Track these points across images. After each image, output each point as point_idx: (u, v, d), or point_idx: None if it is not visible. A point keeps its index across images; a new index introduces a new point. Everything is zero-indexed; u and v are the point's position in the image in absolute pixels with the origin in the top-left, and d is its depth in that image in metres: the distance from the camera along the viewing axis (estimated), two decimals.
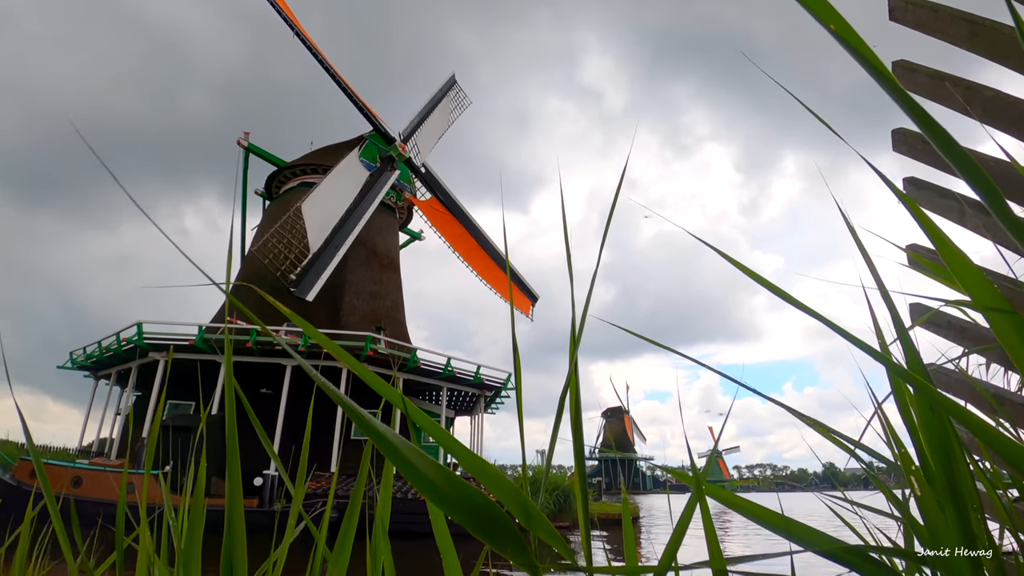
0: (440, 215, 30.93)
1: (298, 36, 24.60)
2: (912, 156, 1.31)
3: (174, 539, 1.00)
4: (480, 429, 26.97)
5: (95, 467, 11.74)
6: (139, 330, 18.77)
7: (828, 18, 0.52)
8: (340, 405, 0.57)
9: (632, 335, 0.81)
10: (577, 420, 0.67)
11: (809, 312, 0.64)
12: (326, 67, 25.81)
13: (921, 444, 0.67)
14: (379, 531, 0.79)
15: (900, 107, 0.53)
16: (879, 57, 0.53)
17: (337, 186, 25.02)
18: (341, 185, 25.33)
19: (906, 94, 0.53)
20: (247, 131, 29.08)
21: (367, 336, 20.17)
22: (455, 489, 0.52)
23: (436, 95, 31.61)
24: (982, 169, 0.56)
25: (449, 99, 32.22)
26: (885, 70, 0.52)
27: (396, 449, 0.50)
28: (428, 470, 0.52)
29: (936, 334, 1.29)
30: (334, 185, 24.82)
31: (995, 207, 0.56)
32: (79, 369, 23.37)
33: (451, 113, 32.62)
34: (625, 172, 0.73)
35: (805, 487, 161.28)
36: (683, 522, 0.60)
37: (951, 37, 1.23)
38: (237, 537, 0.69)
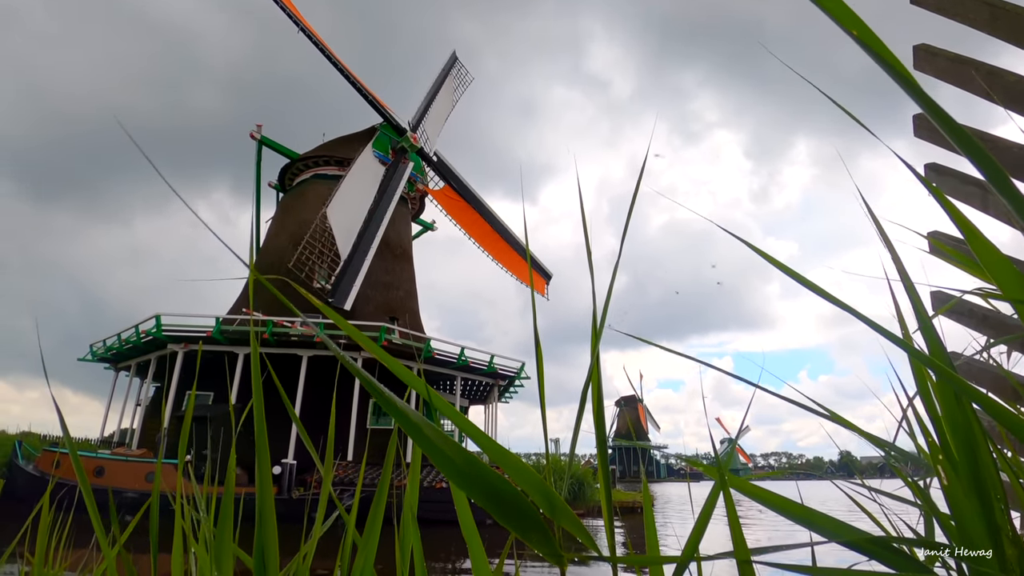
0: (453, 202, 31.22)
1: (303, 32, 24.65)
2: (934, 142, 1.30)
3: (205, 528, 1.02)
4: (495, 418, 27.12)
5: (117, 457, 11.97)
6: (157, 322, 19.04)
7: (848, 22, 0.51)
8: (368, 389, 0.58)
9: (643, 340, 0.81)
10: (600, 412, 0.68)
11: (833, 301, 0.63)
12: (333, 61, 25.87)
13: (944, 433, 0.66)
14: (407, 517, 0.80)
15: (920, 106, 0.52)
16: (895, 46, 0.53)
17: (356, 185, 25.30)
18: (360, 184, 25.60)
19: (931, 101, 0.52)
20: (260, 124, 29.22)
21: (381, 326, 20.31)
22: (480, 474, 0.53)
23: (439, 76, 31.52)
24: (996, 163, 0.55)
25: (452, 78, 32.12)
26: (906, 72, 0.51)
27: (423, 433, 0.51)
28: (454, 453, 0.53)
29: (958, 322, 1.28)
30: (353, 185, 25.08)
31: (1008, 195, 0.55)
32: (99, 361, 23.77)
33: (455, 92, 32.54)
34: (645, 164, 0.73)
35: (821, 475, 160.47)
36: (705, 512, 0.61)
37: (972, 20, 1.21)
38: (268, 528, 0.70)
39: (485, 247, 31.56)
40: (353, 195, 24.94)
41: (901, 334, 0.75)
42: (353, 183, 25.05)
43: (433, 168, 30.71)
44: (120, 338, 21.63)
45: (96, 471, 11.48)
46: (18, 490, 12.57)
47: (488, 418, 27.59)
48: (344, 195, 24.25)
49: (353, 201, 24.83)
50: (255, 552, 0.72)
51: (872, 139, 25.46)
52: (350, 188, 24.81)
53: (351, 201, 24.73)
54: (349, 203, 24.52)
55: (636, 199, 0.70)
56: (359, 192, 25.42)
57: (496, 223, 31.99)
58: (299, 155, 29.99)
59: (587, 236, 0.70)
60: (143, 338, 19.93)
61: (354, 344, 19.85)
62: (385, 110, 28.39)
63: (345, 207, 24.19)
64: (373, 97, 27.68)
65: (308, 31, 24.70)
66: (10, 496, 12.80)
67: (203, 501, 1.12)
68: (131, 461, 11.85)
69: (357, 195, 25.22)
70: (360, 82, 27.05)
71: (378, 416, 22.58)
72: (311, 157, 29.44)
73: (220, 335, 19.19)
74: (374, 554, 0.88)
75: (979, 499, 0.62)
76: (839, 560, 0.84)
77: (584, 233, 0.69)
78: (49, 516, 1.22)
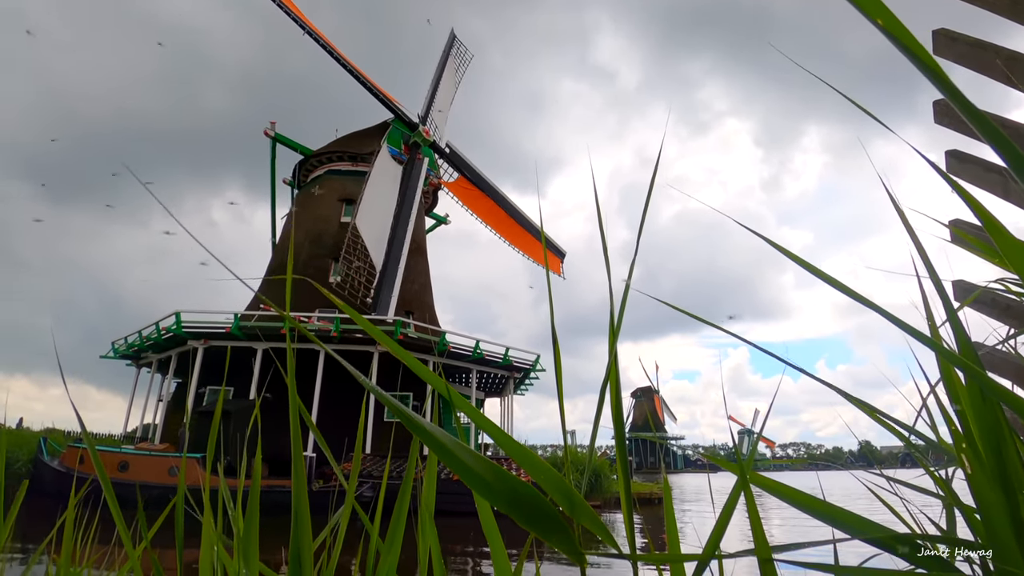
0: (468, 192, 31.75)
1: (310, 35, 25.02)
2: (955, 128, 1.27)
3: (232, 523, 1.04)
4: (510, 410, 27.20)
5: (140, 452, 12.20)
6: (177, 319, 19.31)
7: (872, 10, 0.51)
8: (383, 401, 0.58)
9: (669, 306, 0.81)
10: (618, 405, 0.68)
11: (852, 295, 0.63)
12: (342, 62, 26.26)
13: (969, 423, 0.66)
14: (425, 516, 0.81)
15: (943, 93, 0.52)
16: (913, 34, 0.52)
17: (378, 190, 25.76)
18: (381, 188, 26.08)
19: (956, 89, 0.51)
20: (273, 121, 29.41)
21: (397, 320, 20.42)
22: (500, 481, 0.53)
23: (441, 59, 31.52)
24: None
25: (453, 59, 32.14)
26: (931, 61, 0.51)
27: (442, 444, 0.52)
28: (473, 463, 0.53)
29: (979, 312, 1.26)
30: (375, 189, 25.54)
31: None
32: (121, 358, 24.18)
33: (457, 72, 32.58)
34: (659, 162, 0.73)
35: (840, 466, 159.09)
36: (727, 509, 0.61)
37: (992, 5, 1.19)
38: (303, 526, 0.71)
39: (501, 233, 32.44)
40: (377, 200, 25.43)
41: (928, 328, 0.75)
42: (375, 188, 25.50)
43: (446, 160, 30.96)
44: (141, 335, 21.98)
45: (120, 466, 11.71)
46: (44, 486, 12.88)
47: (504, 410, 27.70)
48: (368, 202, 24.71)
49: (378, 207, 25.33)
50: (291, 551, 0.73)
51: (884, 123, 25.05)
52: (373, 194, 25.29)
53: (376, 207, 25.23)
54: (374, 209, 25.00)
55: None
56: (382, 196, 25.91)
57: (510, 208, 32.67)
58: (312, 151, 30.17)
59: (603, 236, 0.70)
60: (164, 335, 20.23)
61: (370, 338, 20.01)
62: (395, 106, 28.56)
63: (371, 214, 24.67)
64: (383, 94, 27.90)
65: (315, 34, 25.09)
66: (36, 492, 13.10)
67: (227, 495, 1.14)
68: (154, 456, 12.06)
69: (380, 200, 25.72)
70: (369, 80, 27.26)
71: None
72: (324, 153, 29.60)
73: (239, 331, 19.42)
74: (397, 557, 0.89)
75: (1005, 493, 0.61)
76: (861, 555, 0.84)
77: (601, 234, 0.69)
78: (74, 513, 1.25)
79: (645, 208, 0.72)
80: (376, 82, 27.92)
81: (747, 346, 0.71)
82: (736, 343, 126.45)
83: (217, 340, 19.58)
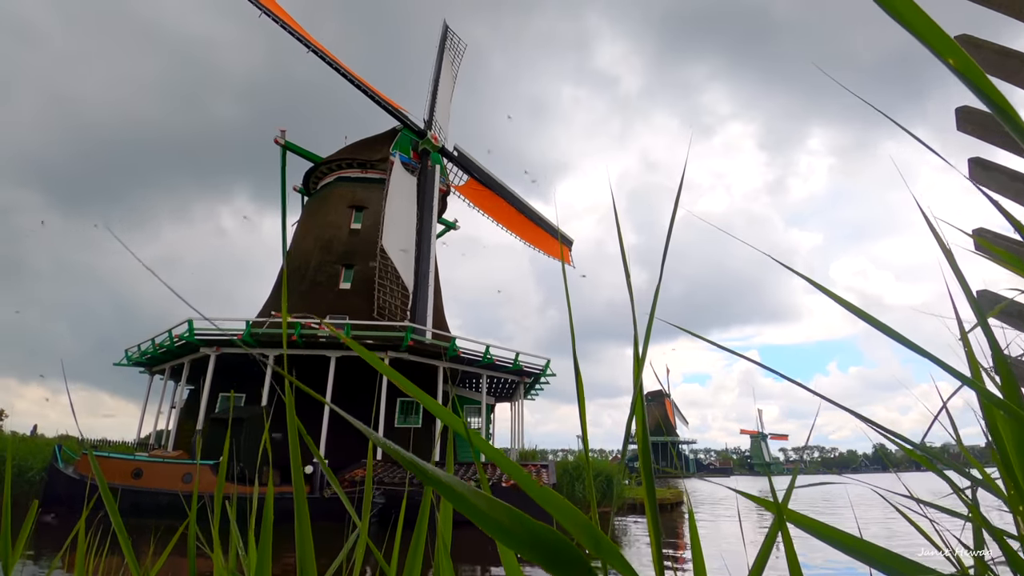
0: (477, 192, 32.20)
1: (315, 53, 25.78)
2: (978, 136, 1.26)
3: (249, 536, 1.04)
4: (521, 416, 27.14)
5: (154, 459, 12.29)
6: (190, 327, 19.47)
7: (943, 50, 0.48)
8: (404, 464, 0.57)
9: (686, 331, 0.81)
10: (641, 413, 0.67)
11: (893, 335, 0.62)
12: (349, 77, 26.91)
13: (1010, 461, 0.64)
14: (441, 553, 0.79)
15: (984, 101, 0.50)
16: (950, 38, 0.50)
17: (397, 206, 26.18)
18: (400, 204, 26.52)
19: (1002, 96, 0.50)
20: (283, 129, 29.66)
21: (408, 326, 20.46)
22: (519, 525, 0.51)
23: (438, 54, 31.54)
24: None
25: (448, 51, 32.21)
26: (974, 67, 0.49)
27: (457, 493, 0.50)
28: (494, 511, 0.51)
29: (1005, 323, 1.24)
30: (395, 207, 25.96)
31: None
32: (134, 366, 24.40)
33: (453, 64, 32.69)
34: (682, 186, 0.72)
35: (855, 469, 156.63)
36: (764, 551, 0.60)
37: (1018, 12, 1.17)
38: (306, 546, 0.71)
39: (511, 229, 33.14)
40: (398, 218, 25.91)
41: (967, 360, 0.73)
42: (394, 205, 25.98)
43: (455, 163, 31.36)
44: (154, 343, 22.17)
45: (134, 473, 11.79)
46: (58, 493, 12.99)
47: (514, 415, 27.66)
48: (391, 221, 25.17)
49: (400, 224, 25.81)
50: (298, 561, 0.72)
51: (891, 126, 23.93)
52: (393, 211, 25.74)
53: (398, 225, 25.70)
54: (397, 228, 25.45)
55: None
56: (402, 213, 26.43)
57: (518, 203, 33.42)
58: (322, 159, 30.39)
59: (625, 261, 0.69)
60: (176, 342, 20.40)
61: (381, 344, 20.07)
62: (402, 114, 29.01)
63: (395, 234, 25.11)
64: (389, 103, 28.45)
65: (320, 51, 25.77)
66: (51, 499, 13.23)
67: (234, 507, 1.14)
68: (168, 463, 12.14)
69: (401, 217, 26.21)
70: (374, 90, 27.83)
71: (405, 415, 22.79)
72: (335, 160, 29.80)
73: (250, 338, 19.54)
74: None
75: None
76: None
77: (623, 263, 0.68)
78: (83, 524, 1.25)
79: (666, 246, 0.72)
80: (381, 91, 28.34)
81: (757, 349, 0.70)
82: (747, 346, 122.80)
83: (229, 348, 19.70)
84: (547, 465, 16.11)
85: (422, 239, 26.66)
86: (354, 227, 27.62)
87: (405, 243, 25.67)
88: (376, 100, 27.78)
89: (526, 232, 33.81)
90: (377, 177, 28.84)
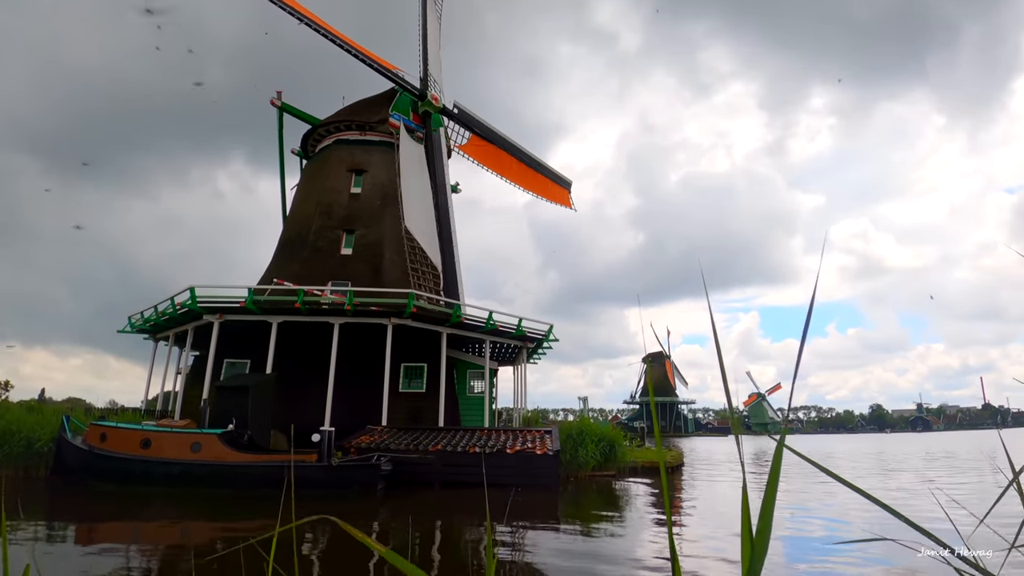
0: (480, 148, 32.05)
1: (308, 24, 25.30)
2: None
3: None
4: (524, 378, 27.35)
5: (162, 428, 12.39)
6: (192, 294, 19.40)
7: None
8: None
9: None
10: None
11: None
12: (346, 46, 26.55)
13: None
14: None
15: None
16: None
17: (411, 182, 26.19)
18: (413, 178, 26.53)
19: None
20: (280, 90, 29.05)
21: (410, 293, 20.40)
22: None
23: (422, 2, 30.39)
24: None
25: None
26: None
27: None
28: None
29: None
30: (409, 183, 26.00)
31: None
32: (137, 332, 24.46)
33: (436, 4, 31.54)
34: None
35: (851, 429, 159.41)
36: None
37: None
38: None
39: (516, 181, 33.48)
40: (415, 194, 26.10)
41: None
42: (408, 180, 26.03)
43: (456, 121, 31.13)
44: (157, 310, 22.16)
45: (143, 443, 11.90)
46: (67, 463, 13.15)
47: (517, 378, 27.90)
48: (408, 198, 25.36)
49: (418, 200, 26.08)
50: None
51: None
52: (408, 187, 25.80)
53: (417, 200, 25.97)
54: (415, 204, 25.71)
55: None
56: (417, 187, 26.54)
57: (521, 153, 33.56)
58: (320, 120, 29.84)
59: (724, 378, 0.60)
60: (179, 310, 20.38)
61: (384, 311, 20.06)
62: (400, 76, 28.69)
63: (415, 211, 25.41)
64: (387, 67, 28.33)
65: (314, 23, 25.39)
66: (60, 470, 13.41)
67: None
68: (176, 432, 12.24)
69: (417, 191, 26.34)
70: (372, 56, 27.71)
71: (410, 380, 22.96)
72: (332, 122, 29.26)
73: (253, 305, 19.51)
74: None
75: None
76: None
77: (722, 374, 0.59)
78: None
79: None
80: (375, 54, 27.92)
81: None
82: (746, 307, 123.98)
83: (232, 315, 19.70)
84: (551, 431, 16.26)
85: (441, 214, 26.98)
86: (354, 191, 27.29)
87: (426, 219, 25.94)
88: (374, 66, 27.47)
89: (529, 181, 34.10)
90: (376, 139, 28.38)
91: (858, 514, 10.42)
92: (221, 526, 10.00)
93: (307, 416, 19.86)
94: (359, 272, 24.61)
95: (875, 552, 7.38)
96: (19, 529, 8.99)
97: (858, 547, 7.60)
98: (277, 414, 16.09)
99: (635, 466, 18.43)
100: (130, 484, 11.67)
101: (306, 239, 25.94)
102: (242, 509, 11.04)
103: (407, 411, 21.96)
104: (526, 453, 13.86)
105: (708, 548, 8.57)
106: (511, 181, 33.29)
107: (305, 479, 11.98)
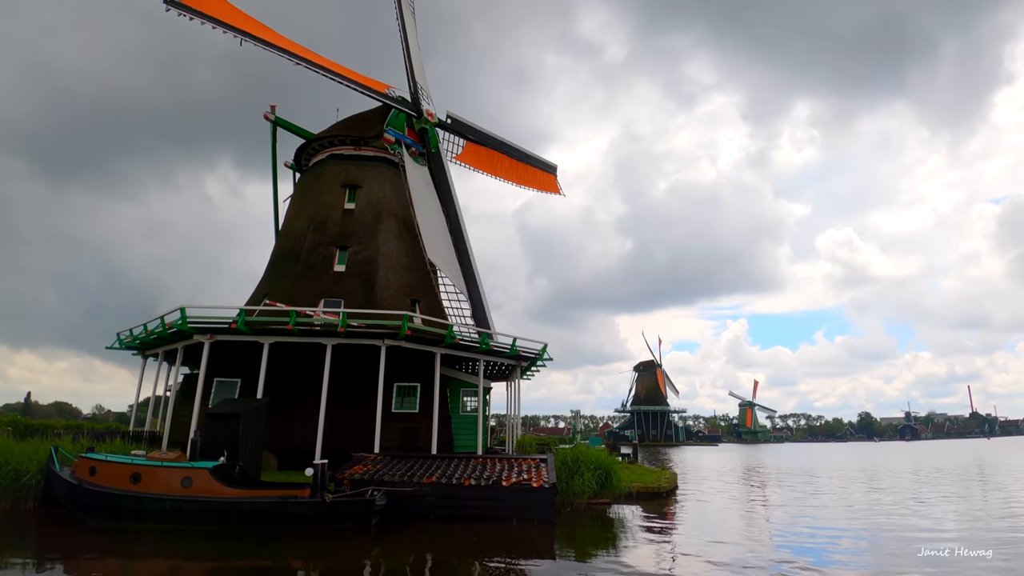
0: (474, 154, 32.44)
1: (301, 62, 25.58)
2: None
3: None
4: (517, 394, 27.24)
5: (152, 462, 12.12)
6: (183, 315, 19.12)
7: None
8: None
9: None
10: None
11: None
12: (342, 78, 26.89)
13: None
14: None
15: None
16: None
17: (423, 207, 26.43)
18: (423, 201, 26.78)
19: None
20: (273, 104, 28.88)
21: (404, 315, 20.20)
22: None
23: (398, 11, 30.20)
24: None
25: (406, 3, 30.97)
26: None
27: None
28: None
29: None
30: (422, 209, 26.28)
31: None
32: (126, 349, 24.11)
33: (410, 3, 31.59)
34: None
35: (840, 437, 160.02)
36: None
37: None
38: None
39: (510, 179, 34.01)
40: (429, 219, 26.36)
41: None
42: (420, 206, 26.30)
43: (450, 131, 31.34)
44: (146, 328, 21.85)
45: (132, 478, 11.63)
46: (56, 497, 12.84)
47: (511, 394, 27.81)
48: (426, 227, 25.57)
49: (433, 225, 26.39)
50: None
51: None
52: (422, 213, 26.00)
53: (432, 226, 26.22)
54: (432, 231, 25.88)
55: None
56: (428, 210, 26.84)
57: (510, 149, 34.02)
58: (314, 135, 29.66)
59: None
60: (168, 330, 20.09)
61: (378, 332, 19.85)
62: (394, 96, 29.35)
63: (433, 239, 25.52)
64: (380, 91, 28.64)
65: (308, 60, 25.85)
66: (49, 503, 13.09)
67: None
68: (167, 466, 11.98)
69: (429, 216, 26.58)
70: (364, 80, 28.03)
71: (402, 399, 22.74)
72: (326, 137, 29.08)
73: (244, 326, 19.26)
74: None
75: None
76: None
77: None
78: None
79: None
80: (366, 77, 28.63)
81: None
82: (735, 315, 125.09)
83: (223, 335, 19.43)
84: (546, 459, 16.10)
85: (456, 239, 27.39)
86: (348, 207, 27.09)
87: (443, 245, 26.29)
88: (367, 92, 28.12)
89: (521, 175, 34.58)
90: (371, 155, 28.23)
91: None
92: (211, 566, 9.81)
93: (298, 436, 19.58)
94: (352, 289, 24.37)
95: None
96: (8, 567, 8.79)
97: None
98: (268, 434, 15.83)
99: (631, 491, 18.32)
100: (121, 519, 11.42)
101: (299, 255, 25.67)
102: (235, 546, 10.84)
103: (400, 432, 21.71)
104: (522, 486, 13.70)
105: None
106: (505, 179, 33.79)
107: (298, 515, 11.76)
